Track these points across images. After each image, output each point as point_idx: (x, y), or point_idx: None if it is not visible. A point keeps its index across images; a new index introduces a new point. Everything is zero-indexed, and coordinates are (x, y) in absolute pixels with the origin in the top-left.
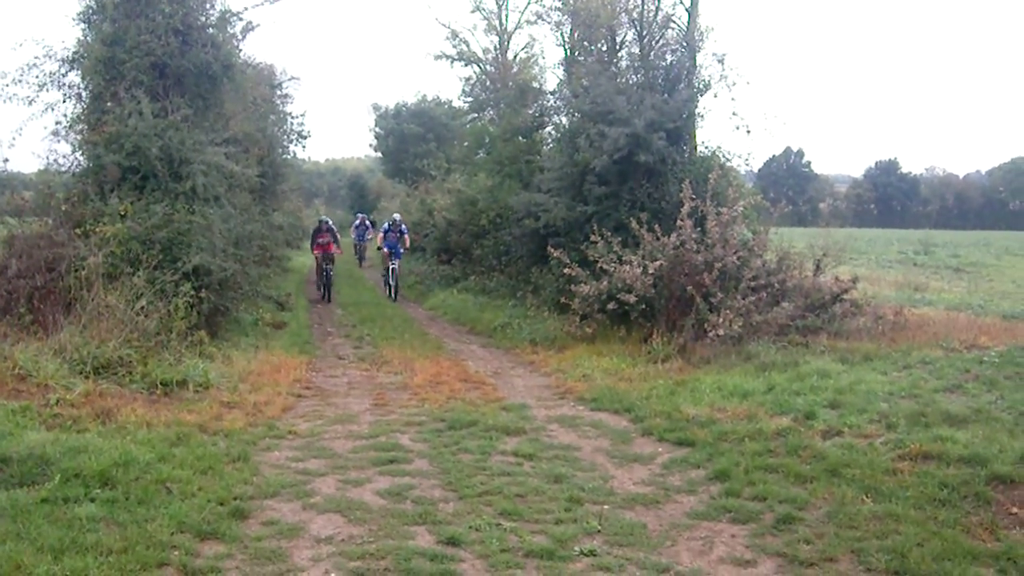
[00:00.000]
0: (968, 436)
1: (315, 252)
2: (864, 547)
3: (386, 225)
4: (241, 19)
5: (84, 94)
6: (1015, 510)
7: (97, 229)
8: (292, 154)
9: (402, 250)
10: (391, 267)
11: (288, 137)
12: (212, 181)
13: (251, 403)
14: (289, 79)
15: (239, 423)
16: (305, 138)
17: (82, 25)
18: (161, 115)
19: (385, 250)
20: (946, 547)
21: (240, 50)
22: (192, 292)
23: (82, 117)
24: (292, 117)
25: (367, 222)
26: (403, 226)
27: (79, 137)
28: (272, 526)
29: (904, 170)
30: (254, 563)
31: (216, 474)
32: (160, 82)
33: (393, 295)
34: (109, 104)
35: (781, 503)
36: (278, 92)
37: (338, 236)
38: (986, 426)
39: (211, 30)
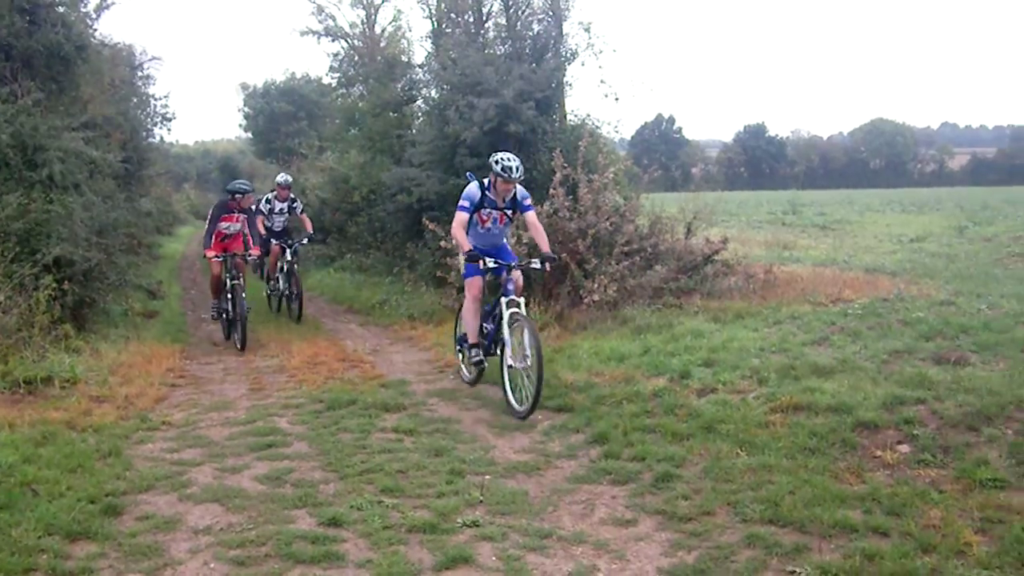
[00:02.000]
0: (835, 386)
1: (208, 254)
2: (739, 499)
3: (474, 190)
4: None
5: None
6: (879, 453)
7: None
8: (158, 138)
9: (535, 265)
10: (511, 320)
11: (152, 120)
12: (71, 168)
13: (122, 396)
14: (150, 59)
15: (110, 417)
16: (170, 120)
17: None
18: (11, 100)
19: (487, 263)
20: (816, 493)
21: (95, 29)
22: (54, 285)
23: None
24: (155, 99)
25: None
26: (522, 192)
27: None
28: (147, 520)
29: (771, 133)
30: (129, 560)
31: (86, 471)
32: (7, 65)
33: (530, 404)
34: None
35: (659, 462)
36: (139, 73)
37: (259, 225)
38: (851, 375)
39: (61, 8)
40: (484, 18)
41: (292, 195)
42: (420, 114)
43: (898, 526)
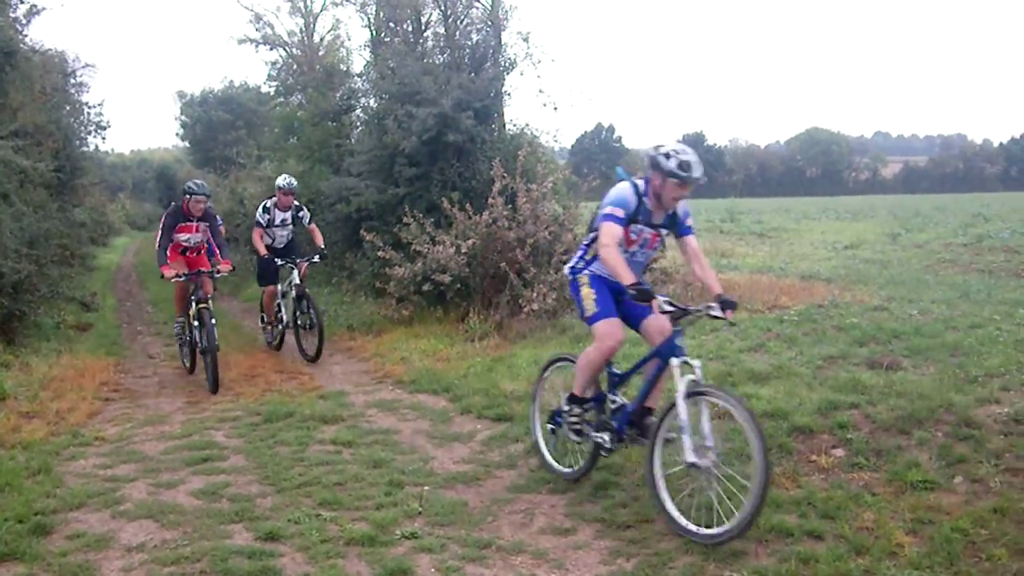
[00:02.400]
0: (771, 392)
1: (167, 273)
2: (677, 506)
3: (629, 194)
4: (24, 2)
5: None
6: (814, 458)
7: None
8: (92, 147)
9: (715, 312)
10: (690, 394)
11: (86, 128)
12: None
13: (53, 411)
14: (84, 66)
15: (40, 433)
16: (105, 129)
17: None
18: None
19: (662, 304)
20: None
21: (24, 35)
22: None
23: None
24: (89, 107)
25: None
26: (684, 208)
27: None
28: (78, 539)
29: (710, 142)
30: None
31: (14, 490)
32: None
33: (735, 527)
34: None
35: (598, 470)
36: (72, 81)
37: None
38: (787, 381)
39: None
40: (423, 27)
41: (297, 202)
42: (359, 123)
43: (832, 529)
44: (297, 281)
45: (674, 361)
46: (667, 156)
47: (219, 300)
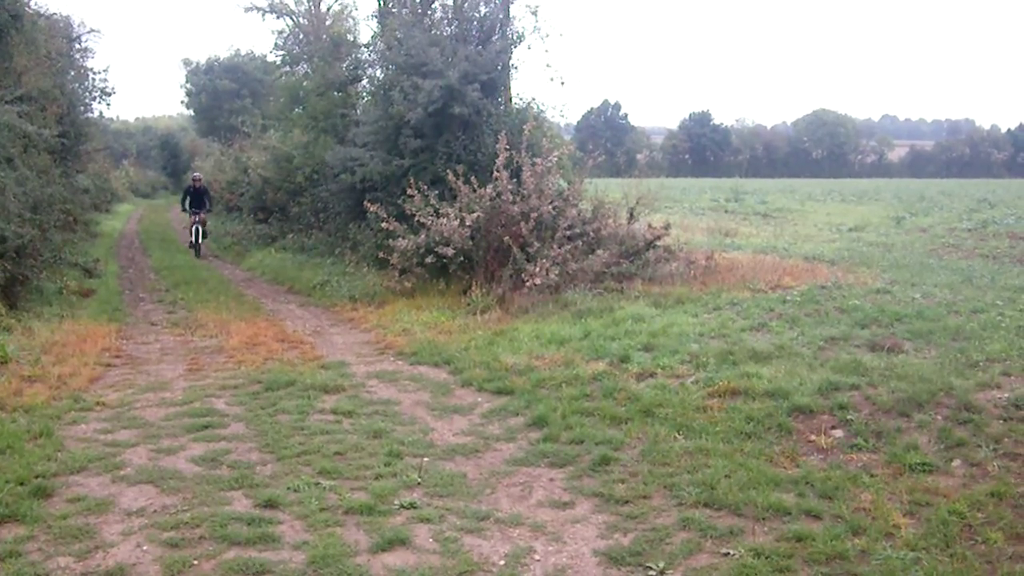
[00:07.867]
0: (772, 371)
1: None
2: (676, 482)
3: None
4: None
5: None
6: (813, 437)
7: None
8: (97, 113)
9: None
10: None
11: (90, 94)
12: (3, 142)
13: (55, 375)
14: (88, 31)
15: (41, 397)
16: (109, 95)
17: None
18: None
19: None
20: (751, 476)
21: None
22: None
23: None
24: (94, 73)
25: None
26: None
27: None
28: (78, 502)
29: (716, 122)
30: (59, 543)
31: (15, 453)
32: None
33: None
34: None
35: (597, 445)
36: (76, 46)
37: None
38: (788, 361)
39: None
40: None
41: None
42: (365, 94)
43: (830, 509)
44: None
45: None
46: None
47: (221, 268)
